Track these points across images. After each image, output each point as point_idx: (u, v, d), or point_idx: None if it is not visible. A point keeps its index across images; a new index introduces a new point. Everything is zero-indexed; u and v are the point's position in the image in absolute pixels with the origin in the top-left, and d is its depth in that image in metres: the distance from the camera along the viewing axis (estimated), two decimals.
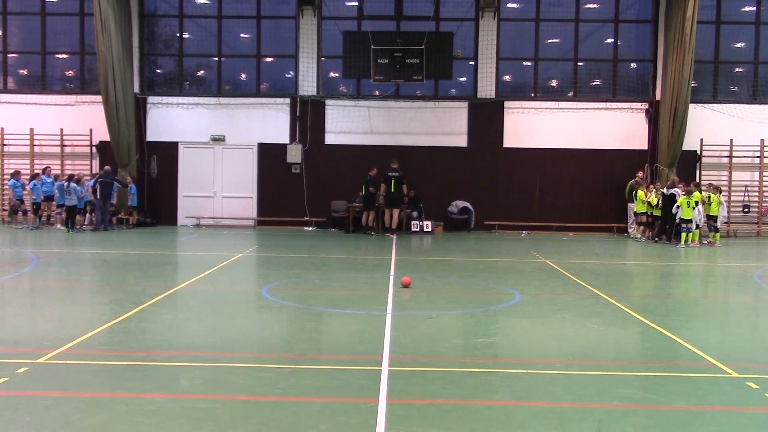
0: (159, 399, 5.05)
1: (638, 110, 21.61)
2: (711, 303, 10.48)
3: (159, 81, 22.54)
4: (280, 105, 21.73)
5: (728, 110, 21.15)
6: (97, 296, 9.74)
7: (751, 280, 12.46)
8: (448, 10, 21.79)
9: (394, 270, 12.28)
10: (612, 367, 6.20)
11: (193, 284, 10.55)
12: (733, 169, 21.23)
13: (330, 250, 15.94)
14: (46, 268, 12.32)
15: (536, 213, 21.53)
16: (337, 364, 6.22)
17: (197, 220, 21.86)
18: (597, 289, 10.39)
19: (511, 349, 6.99)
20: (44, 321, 7.96)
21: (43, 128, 21.64)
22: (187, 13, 22.14)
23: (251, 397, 5.19)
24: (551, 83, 22.25)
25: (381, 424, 4.61)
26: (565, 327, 7.97)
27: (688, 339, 7.21)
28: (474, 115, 21.53)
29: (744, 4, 21.68)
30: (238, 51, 22.42)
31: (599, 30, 21.98)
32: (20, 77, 22.89)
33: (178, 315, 8.44)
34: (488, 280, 11.67)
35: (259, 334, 7.47)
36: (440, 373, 5.87)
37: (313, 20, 21.50)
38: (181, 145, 21.91)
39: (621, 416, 4.91)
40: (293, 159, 21.52)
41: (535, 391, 5.46)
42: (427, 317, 8.24)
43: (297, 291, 10.29)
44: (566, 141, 21.48)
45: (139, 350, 6.59)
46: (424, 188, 21.05)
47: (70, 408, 4.85)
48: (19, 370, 5.67)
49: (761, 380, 5.75)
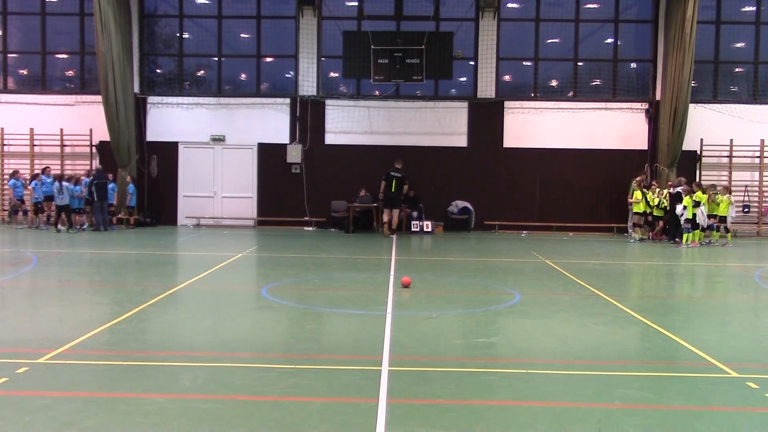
0: (159, 399, 5.05)
1: (638, 110, 21.62)
2: (711, 303, 10.48)
3: (159, 81, 22.55)
4: (280, 105, 21.73)
5: (728, 110, 21.16)
6: (97, 296, 9.74)
7: (751, 280, 12.47)
8: (448, 10, 21.79)
9: (394, 270, 12.28)
10: (612, 367, 6.20)
11: (193, 284, 10.55)
12: (733, 169, 21.24)
13: (330, 250, 15.94)
14: (46, 268, 12.32)
15: (536, 213, 21.53)
16: (337, 364, 6.21)
17: (197, 220, 21.86)
18: (597, 289, 10.39)
19: (511, 349, 6.99)
20: (44, 321, 7.96)
21: (43, 128, 21.64)
22: (187, 13, 22.15)
23: (251, 397, 5.19)
24: (551, 83, 22.25)
25: (381, 424, 4.61)
26: (565, 327, 7.97)
27: (688, 339, 7.20)
28: (474, 115, 21.53)
29: (744, 4, 21.68)
30: (238, 51, 22.43)
31: (599, 30, 21.98)
32: (20, 77, 22.89)
33: (178, 315, 8.44)
34: (488, 280, 11.67)
35: (259, 334, 7.47)
36: (440, 373, 5.86)
37: (313, 20, 21.51)
38: (181, 145, 21.91)
39: (621, 416, 4.91)
40: (293, 159, 21.53)
41: (535, 391, 5.46)
42: (427, 317, 8.23)
43: (297, 291, 10.29)
44: (566, 141, 21.48)
45: (139, 350, 6.59)
46: (424, 188, 21.05)
47: (70, 408, 4.85)
48: (19, 370, 5.67)
49: (761, 380, 5.75)
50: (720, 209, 18.30)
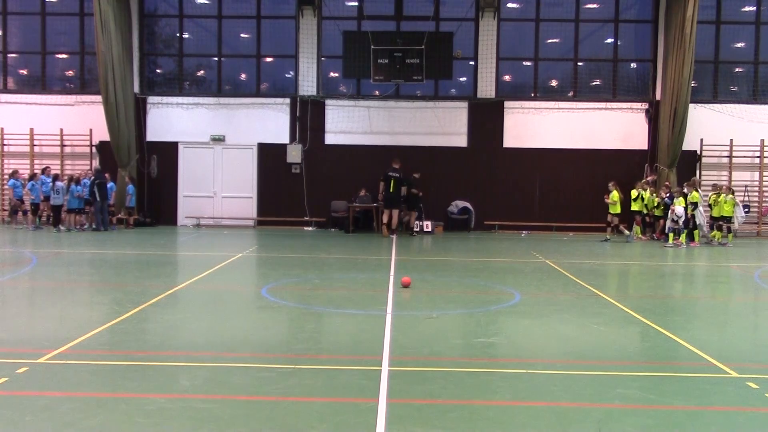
0: (159, 399, 5.05)
1: (638, 110, 21.62)
2: (711, 303, 10.48)
3: (159, 81, 22.55)
4: (280, 105, 21.73)
5: (728, 110, 21.16)
6: (97, 296, 9.74)
7: (751, 280, 12.46)
8: (448, 10, 21.79)
9: (394, 270, 12.27)
10: (612, 367, 6.19)
11: (193, 284, 10.55)
12: (733, 169, 21.24)
13: (330, 250, 15.94)
14: (46, 268, 12.31)
15: (536, 213, 21.54)
16: (337, 364, 6.21)
17: (197, 220, 21.86)
18: (597, 289, 10.39)
19: (511, 349, 6.99)
20: (44, 321, 7.96)
21: (43, 128, 21.65)
22: (187, 13, 22.15)
23: (251, 397, 5.19)
24: (551, 83, 22.26)
25: (381, 424, 4.60)
26: (565, 327, 7.97)
27: (688, 339, 7.20)
28: (474, 115, 21.54)
29: (744, 4, 21.68)
30: (238, 51, 22.43)
31: (599, 30, 21.98)
32: (20, 77, 22.90)
33: (178, 315, 8.44)
34: (488, 280, 11.66)
35: (259, 334, 7.47)
36: (440, 373, 5.86)
37: (313, 20, 21.51)
38: (181, 145, 21.91)
39: (621, 416, 4.90)
40: (293, 159, 21.53)
41: (535, 391, 5.45)
42: (427, 317, 8.23)
43: (297, 291, 10.28)
44: (566, 141, 21.48)
45: (139, 350, 6.58)
46: (424, 188, 21.02)
47: (70, 408, 4.84)
48: (19, 370, 5.66)
49: (761, 380, 5.75)
50: (725, 210, 18.31)
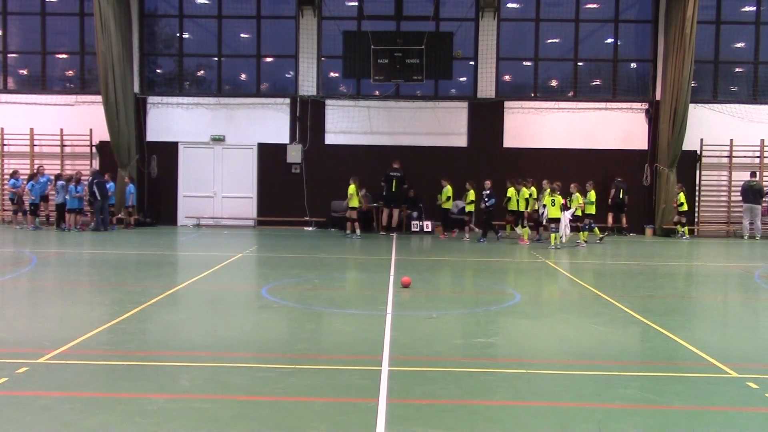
0: (159, 399, 5.05)
1: (638, 110, 21.61)
2: (711, 303, 10.48)
3: (159, 81, 22.55)
4: (280, 105, 21.72)
5: (728, 110, 21.15)
6: (97, 296, 9.73)
7: (751, 280, 12.46)
8: (448, 10, 21.79)
9: (394, 270, 12.27)
10: (612, 367, 6.19)
11: (193, 284, 10.55)
12: (733, 169, 21.23)
13: (330, 250, 15.93)
14: (46, 268, 12.32)
15: (536, 213, 21.44)
16: (337, 364, 6.21)
17: (197, 220, 21.86)
18: (597, 289, 10.39)
19: (511, 349, 6.99)
20: (44, 321, 7.96)
21: (43, 128, 21.64)
22: (187, 13, 22.14)
23: (251, 397, 5.19)
24: (551, 83, 22.25)
25: (381, 424, 4.61)
26: (565, 327, 7.97)
27: (688, 339, 7.20)
28: (474, 115, 21.53)
29: (744, 4, 21.67)
30: (238, 51, 22.42)
31: (599, 30, 21.98)
32: (20, 77, 22.89)
33: (178, 315, 8.44)
34: (488, 280, 11.67)
35: (259, 334, 7.47)
36: (440, 373, 5.86)
37: (313, 20, 21.50)
38: (181, 145, 21.91)
39: (621, 416, 4.91)
40: (293, 159, 21.52)
41: (535, 391, 5.46)
42: (427, 317, 8.23)
43: (297, 291, 10.28)
44: (566, 141, 21.47)
45: (139, 350, 6.58)
46: (424, 188, 21.02)
47: (70, 408, 4.84)
48: (19, 370, 5.67)
49: (761, 380, 5.75)
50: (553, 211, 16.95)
